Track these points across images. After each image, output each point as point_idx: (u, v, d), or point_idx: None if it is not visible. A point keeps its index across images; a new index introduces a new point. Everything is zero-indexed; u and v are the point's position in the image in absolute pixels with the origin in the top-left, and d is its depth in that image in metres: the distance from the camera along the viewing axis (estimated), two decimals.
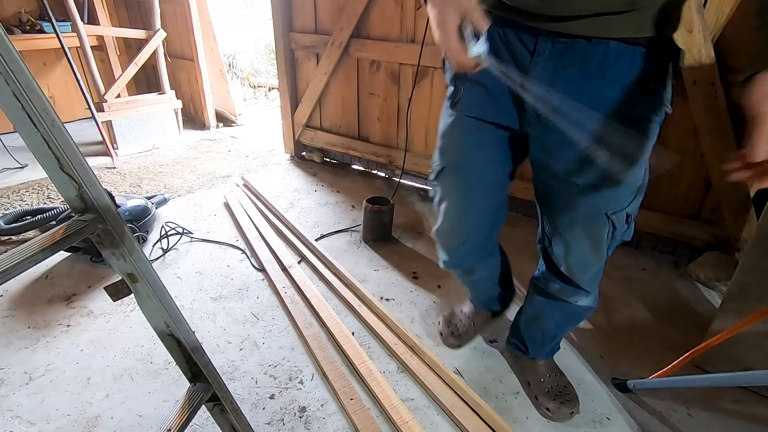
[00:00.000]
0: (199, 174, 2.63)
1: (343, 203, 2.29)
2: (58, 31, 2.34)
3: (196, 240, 1.92)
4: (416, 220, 2.12)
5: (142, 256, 0.58)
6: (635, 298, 1.59)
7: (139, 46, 2.94)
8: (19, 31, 2.93)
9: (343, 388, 1.17)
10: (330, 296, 1.56)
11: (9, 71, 0.42)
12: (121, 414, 1.13)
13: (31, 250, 0.46)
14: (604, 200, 0.81)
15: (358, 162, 2.67)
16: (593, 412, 1.15)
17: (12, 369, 1.25)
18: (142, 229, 1.85)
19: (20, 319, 1.43)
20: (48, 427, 1.09)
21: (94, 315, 1.46)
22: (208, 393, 0.71)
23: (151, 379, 1.23)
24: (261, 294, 1.58)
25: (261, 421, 1.11)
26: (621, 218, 0.83)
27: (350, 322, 1.45)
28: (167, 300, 0.62)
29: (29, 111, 0.44)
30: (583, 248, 0.88)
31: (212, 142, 3.22)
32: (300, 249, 1.81)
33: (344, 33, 2.29)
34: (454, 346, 1.32)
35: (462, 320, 1.33)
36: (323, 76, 2.49)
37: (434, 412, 1.13)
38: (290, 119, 2.78)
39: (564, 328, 1.13)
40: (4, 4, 3.05)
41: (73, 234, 0.50)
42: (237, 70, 4.68)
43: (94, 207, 0.52)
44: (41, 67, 3.25)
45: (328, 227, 2.04)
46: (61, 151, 0.47)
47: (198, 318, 1.46)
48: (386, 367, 1.27)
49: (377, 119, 2.44)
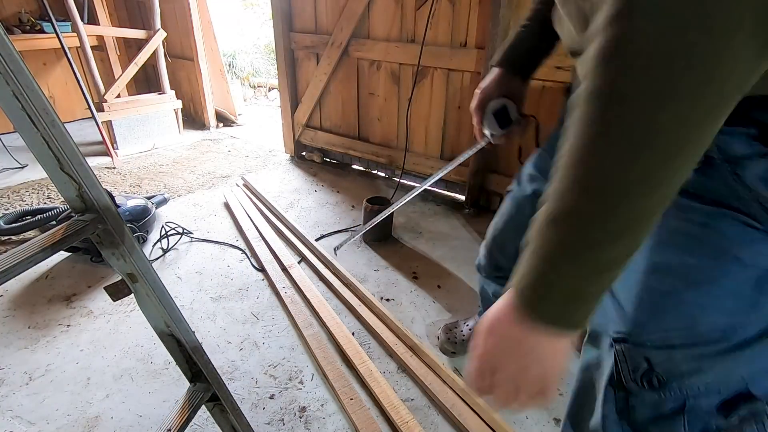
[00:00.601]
0: (199, 174, 2.63)
1: (343, 203, 2.29)
2: (58, 31, 2.34)
3: (196, 240, 1.92)
4: (416, 220, 2.12)
5: (142, 256, 0.58)
6: None
7: (139, 46, 2.94)
8: (19, 31, 2.93)
9: (343, 388, 1.17)
10: (330, 296, 1.56)
11: (9, 71, 0.42)
12: (121, 414, 1.13)
13: (31, 250, 0.46)
14: None
15: (358, 162, 2.67)
16: None
17: (12, 369, 1.25)
18: (142, 229, 1.85)
19: (20, 319, 1.43)
20: (48, 427, 1.09)
21: (94, 315, 1.46)
22: (208, 393, 0.71)
23: (151, 379, 1.23)
24: (261, 294, 1.58)
25: (261, 421, 1.11)
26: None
27: (350, 322, 1.45)
28: (167, 300, 0.62)
29: (29, 111, 0.44)
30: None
31: (212, 142, 3.22)
32: (300, 249, 1.81)
33: (344, 33, 2.29)
34: (447, 353, 1.31)
35: (463, 332, 1.32)
36: (323, 76, 2.49)
37: (434, 412, 1.13)
38: (290, 119, 2.78)
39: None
40: (4, 4, 3.05)
41: (73, 234, 0.50)
42: (237, 70, 4.68)
43: (94, 207, 0.52)
44: (41, 67, 3.25)
45: (328, 227, 2.04)
46: (61, 151, 0.47)
47: (198, 318, 1.46)
48: (386, 367, 1.27)
49: (377, 119, 2.44)
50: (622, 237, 0.35)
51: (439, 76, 2.11)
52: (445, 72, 2.08)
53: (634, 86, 0.31)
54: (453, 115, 2.15)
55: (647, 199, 0.34)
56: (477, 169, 2.10)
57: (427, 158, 2.31)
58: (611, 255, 0.36)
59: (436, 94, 2.16)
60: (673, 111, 0.31)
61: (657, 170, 0.33)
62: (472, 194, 2.17)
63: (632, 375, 0.50)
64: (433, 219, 2.14)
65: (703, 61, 0.29)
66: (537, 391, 0.43)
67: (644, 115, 0.31)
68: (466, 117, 2.10)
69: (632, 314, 0.50)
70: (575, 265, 0.37)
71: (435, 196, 2.36)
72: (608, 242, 0.35)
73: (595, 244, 0.36)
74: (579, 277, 0.37)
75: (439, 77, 2.11)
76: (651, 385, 0.49)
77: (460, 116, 2.13)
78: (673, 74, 0.30)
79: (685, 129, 0.31)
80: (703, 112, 0.31)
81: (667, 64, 0.30)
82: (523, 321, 0.40)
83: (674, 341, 0.48)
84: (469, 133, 2.10)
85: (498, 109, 0.86)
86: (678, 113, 0.31)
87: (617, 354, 0.51)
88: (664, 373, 0.49)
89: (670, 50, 0.30)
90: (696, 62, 0.29)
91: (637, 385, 0.50)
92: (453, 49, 1.98)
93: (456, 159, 1.07)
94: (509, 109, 0.86)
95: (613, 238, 0.35)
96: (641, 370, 0.50)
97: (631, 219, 0.34)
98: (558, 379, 0.42)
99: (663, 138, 0.32)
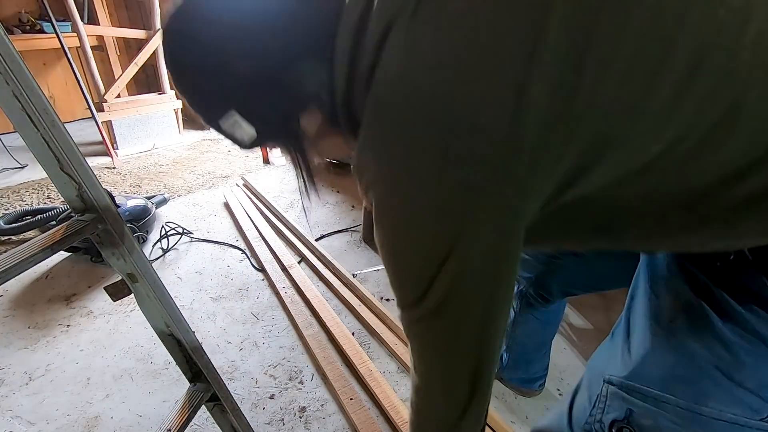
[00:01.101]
0: (199, 174, 2.63)
1: (343, 203, 2.29)
2: (58, 31, 2.34)
3: (196, 240, 1.92)
4: None
5: (142, 256, 0.58)
6: None
7: (139, 46, 2.94)
8: (19, 31, 2.93)
9: (343, 388, 1.17)
10: (330, 296, 1.56)
11: (9, 71, 0.42)
12: (121, 414, 1.13)
13: (31, 250, 0.46)
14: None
15: None
16: None
17: (12, 369, 1.25)
18: (142, 229, 1.85)
19: (20, 319, 1.43)
20: (48, 427, 1.09)
21: (94, 315, 1.46)
22: (208, 393, 0.71)
23: (151, 379, 1.23)
24: (261, 294, 1.58)
25: (261, 421, 1.11)
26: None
27: (350, 322, 1.44)
28: (167, 300, 0.62)
29: (29, 111, 0.44)
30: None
31: (212, 142, 3.22)
32: (300, 249, 1.81)
33: None
34: None
35: None
36: None
37: None
38: None
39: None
40: (4, 4, 3.05)
41: (73, 234, 0.50)
42: None
43: (94, 207, 0.52)
44: (41, 67, 3.25)
45: (328, 227, 2.04)
46: (61, 151, 0.47)
47: (198, 318, 1.46)
48: (386, 367, 1.27)
49: None
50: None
51: None
52: None
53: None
54: None
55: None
56: None
57: None
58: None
59: None
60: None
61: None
62: None
63: (604, 418, 0.49)
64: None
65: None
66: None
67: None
68: None
69: (638, 362, 0.48)
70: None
71: None
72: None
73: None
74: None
75: None
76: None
77: None
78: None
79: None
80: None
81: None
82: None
83: (668, 411, 0.45)
84: None
85: None
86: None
87: (601, 393, 0.50)
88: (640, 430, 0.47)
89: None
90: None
91: (603, 431, 0.49)
92: None
93: None
94: None
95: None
96: (614, 418, 0.48)
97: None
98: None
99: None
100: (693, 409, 0.44)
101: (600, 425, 0.49)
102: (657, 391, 0.46)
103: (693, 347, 0.44)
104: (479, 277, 0.41)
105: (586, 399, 0.52)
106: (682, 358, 0.45)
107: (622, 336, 0.52)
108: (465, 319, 0.44)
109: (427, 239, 0.41)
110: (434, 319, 0.44)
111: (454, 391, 0.49)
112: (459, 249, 0.39)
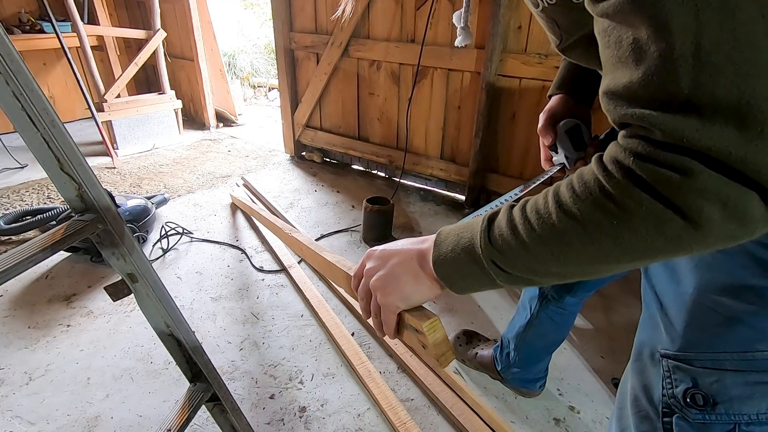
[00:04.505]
0: (199, 174, 2.63)
1: (343, 203, 2.29)
2: (58, 31, 2.34)
3: (196, 240, 1.92)
4: (416, 220, 2.12)
5: (142, 256, 0.58)
6: (635, 298, 1.59)
7: (139, 46, 2.94)
8: (19, 31, 2.93)
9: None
10: (330, 296, 1.56)
11: (9, 71, 0.42)
12: (121, 414, 1.13)
13: (31, 250, 0.46)
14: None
15: (358, 162, 2.67)
16: (593, 411, 1.15)
17: (12, 369, 1.25)
18: (142, 229, 1.85)
19: (20, 319, 1.43)
20: (48, 427, 1.09)
21: (94, 315, 1.46)
22: (208, 393, 0.71)
23: (151, 379, 1.23)
24: (261, 294, 1.58)
25: (261, 421, 1.11)
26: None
27: (350, 322, 1.45)
28: (167, 300, 0.62)
29: (29, 111, 0.44)
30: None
31: (212, 142, 3.22)
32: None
33: (344, 33, 2.29)
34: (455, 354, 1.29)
35: (469, 353, 1.28)
36: (323, 76, 2.49)
37: (434, 413, 1.13)
38: (290, 119, 2.78)
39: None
40: (4, 4, 3.06)
41: (73, 234, 0.50)
42: (237, 70, 4.68)
43: (94, 207, 0.52)
44: (41, 67, 3.25)
45: (328, 227, 2.04)
46: (61, 151, 0.47)
47: (198, 318, 1.46)
48: (386, 368, 1.27)
49: (377, 119, 2.44)
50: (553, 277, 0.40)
51: (439, 76, 2.11)
52: (445, 72, 2.08)
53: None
54: (453, 115, 2.15)
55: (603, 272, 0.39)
56: (477, 169, 2.10)
57: (427, 158, 2.31)
58: (538, 280, 0.41)
59: (436, 94, 2.16)
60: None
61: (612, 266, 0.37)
62: (472, 194, 2.17)
63: (676, 392, 0.49)
64: (433, 219, 2.14)
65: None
66: (387, 302, 0.47)
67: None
68: (466, 117, 2.10)
69: (683, 333, 0.49)
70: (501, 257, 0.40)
71: (435, 196, 2.36)
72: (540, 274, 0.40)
73: (532, 267, 0.40)
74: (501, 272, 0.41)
75: (439, 77, 2.11)
76: (695, 403, 0.48)
77: (460, 116, 2.13)
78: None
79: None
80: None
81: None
82: (426, 265, 0.46)
83: (726, 366, 0.47)
84: (469, 133, 2.10)
85: (571, 128, 0.76)
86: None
87: (664, 369, 0.51)
88: (712, 395, 0.47)
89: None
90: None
91: (680, 403, 0.49)
92: (453, 49, 1.98)
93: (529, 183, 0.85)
94: (583, 130, 0.77)
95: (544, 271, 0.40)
96: (686, 387, 0.49)
97: (571, 274, 0.40)
98: (395, 308, 0.47)
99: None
100: (746, 357, 0.45)
101: (675, 400, 0.50)
102: (711, 353, 0.47)
103: (727, 303, 0.46)
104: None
105: (654, 374, 0.52)
106: (719, 315, 0.47)
107: (655, 305, 0.54)
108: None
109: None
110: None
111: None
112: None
